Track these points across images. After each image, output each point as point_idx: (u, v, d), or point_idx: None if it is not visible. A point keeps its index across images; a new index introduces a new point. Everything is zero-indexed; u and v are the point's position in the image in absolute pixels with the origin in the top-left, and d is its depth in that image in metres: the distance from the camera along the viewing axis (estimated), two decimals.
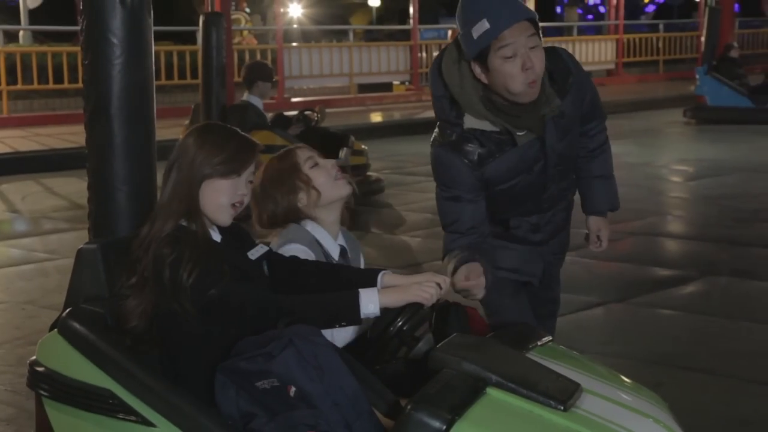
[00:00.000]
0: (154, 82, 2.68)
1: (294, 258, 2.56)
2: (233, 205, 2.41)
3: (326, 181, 2.70)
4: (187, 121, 8.56)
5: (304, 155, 2.75)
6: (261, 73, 8.15)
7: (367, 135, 12.34)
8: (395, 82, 19.08)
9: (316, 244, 2.69)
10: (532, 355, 2.40)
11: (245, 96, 8.23)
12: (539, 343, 2.49)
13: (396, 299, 2.30)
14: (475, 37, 2.78)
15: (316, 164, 2.72)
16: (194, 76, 14.55)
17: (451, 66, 2.90)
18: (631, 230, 7.46)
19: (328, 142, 8.38)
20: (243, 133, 2.50)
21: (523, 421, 2.10)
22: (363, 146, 8.82)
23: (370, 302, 2.26)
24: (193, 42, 15.95)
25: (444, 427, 2.04)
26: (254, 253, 2.50)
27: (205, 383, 2.25)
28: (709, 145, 12.67)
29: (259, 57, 16.80)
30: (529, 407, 2.13)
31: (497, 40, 2.77)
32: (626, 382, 2.52)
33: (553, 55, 2.98)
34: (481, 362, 2.22)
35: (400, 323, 2.31)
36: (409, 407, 2.08)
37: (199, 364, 2.30)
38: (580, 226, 3.40)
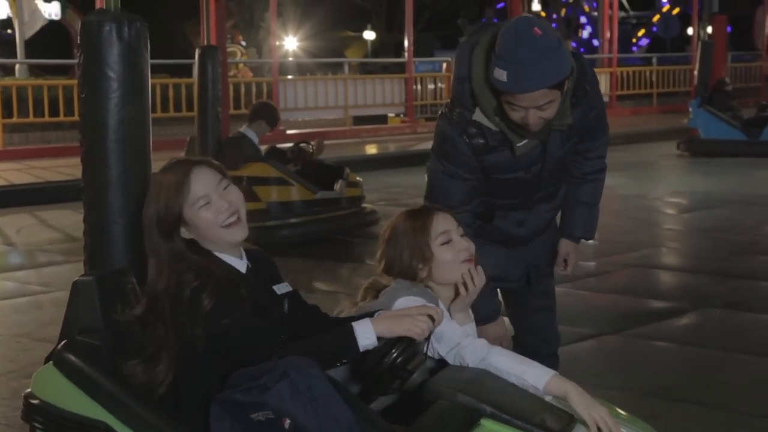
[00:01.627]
0: (151, 116, 2.70)
1: (315, 306, 2.55)
2: (229, 222, 2.39)
3: (451, 261, 2.59)
4: (183, 154, 8.57)
5: (440, 228, 2.61)
6: (268, 114, 8.16)
7: (362, 167, 12.37)
8: (390, 115, 19.15)
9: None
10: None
11: (242, 128, 8.26)
12: None
13: (390, 329, 2.28)
14: (494, 75, 2.79)
15: (449, 241, 2.60)
16: (189, 108, 14.58)
17: (481, 59, 2.89)
18: (626, 262, 7.48)
19: (323, 175, 8.42)
20: (178, 159, 2.47)
21: None
22: (358, 178, 8.85)
23: (365, 334, 2.26)
24: (189, 75, 16.00)
25: None
26: (279, 289, 2.49)
27: (205, 414, 2.24)
28: (703, 177, 12.72)
29: (254, 89, 16.88)
30: None
31: (509, 94, 2.80)
32: (621, 413, 2.52)
33: (578, 63, 2.97)
34: (476, 393, 2.23)
35: (394, 355, 2.31)
36: None
37: (199, 394, 2.29)
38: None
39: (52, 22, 20.09)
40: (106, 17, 2.55)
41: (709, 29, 17.47)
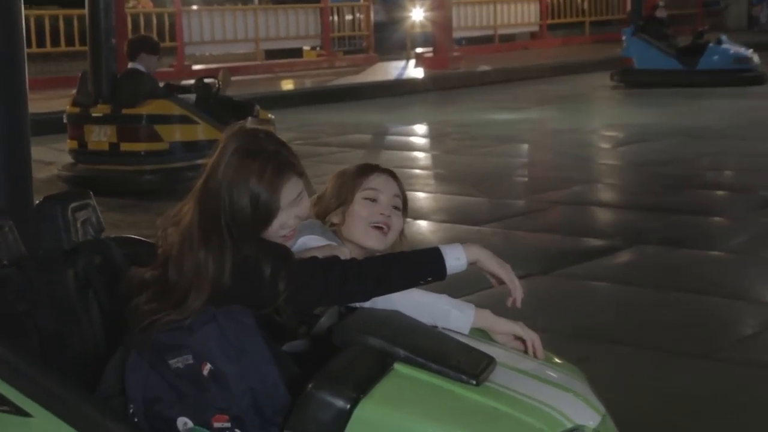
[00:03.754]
0: (26, 50, 2.69)
1: None
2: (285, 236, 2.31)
3: (362, 218, 2.57)
4: (74, 91, 8.40)
5: (373, 184, 2.59)
6: (144, 45, 8.08)
7: (276, 104, 12.30)
8: (305, 48, 18.99)
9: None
10: (444, 329, 2.40)
11: (130, 65, 8.11)
12: None
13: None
14: None
15: (373, 200, 2.58)
16: (83, 42, 14.26)
17: None
18: (557, 199, 7.58)
19: (230, 112, 8.31)
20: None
21: (432, 398, 2.10)
22: (270, 115, 8.78)
23: (455, 257, 2.26)
24: (81, 6, 15.61)
25: (348, 406, 2.04)
26: None
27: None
28: (638, 109, 12.91)
29: (155, 21, 16.55)
30: (439, 382, 2.14)
31: None
32: (546, 356, 2.55)
33: None
34: (389, 336, 2.22)
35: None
36: (310, 386, 2.07)
37: None
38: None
39: None
40: None
41: None
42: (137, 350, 2.19)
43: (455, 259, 2.27)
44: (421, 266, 2.28)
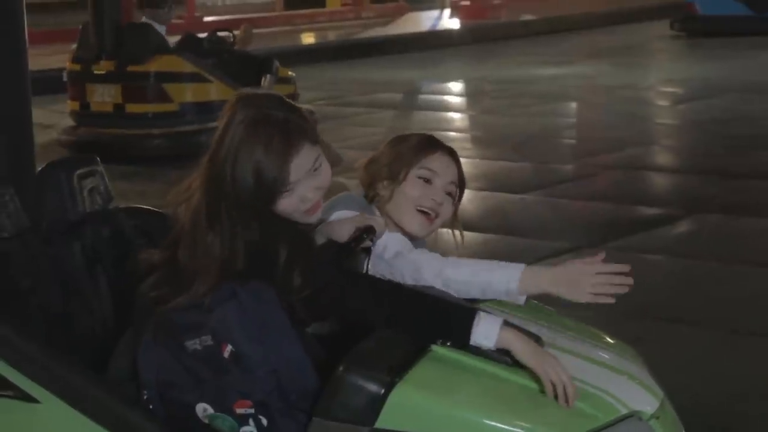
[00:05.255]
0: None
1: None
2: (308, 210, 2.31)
3: (411, 198, 2.57)
4: (74, 45, 8.44)
5: (431, 164, 2.59)
6: None
7: (297, 60, 12.31)
8: None
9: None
10: (486, 307, 2.42)
11: (143, 19, 8.15)
12: None
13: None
14: None
15: (427, 180, 2.58)
16: None
17: None
18: (609, 163, 7.56)
19: (247, 69, 8.34)
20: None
21: (473, 381, 2.13)
22: (290, 73, 8.79)
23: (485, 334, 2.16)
24: None
25: (382, 391, 2.07)
26: None
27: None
28: (700, 62, 12.82)
29: None
30: (481, 365, 2.16)
31: None
32: (597, 335, 2.57)
33: None
34: None
35: None
36: (341, 369, 2.10)
37: None
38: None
39: None
40: None
41: None
42: (150, 331, 2.22)
43: (484, 336, 2.16)
44: (445, 326, 2.20)
